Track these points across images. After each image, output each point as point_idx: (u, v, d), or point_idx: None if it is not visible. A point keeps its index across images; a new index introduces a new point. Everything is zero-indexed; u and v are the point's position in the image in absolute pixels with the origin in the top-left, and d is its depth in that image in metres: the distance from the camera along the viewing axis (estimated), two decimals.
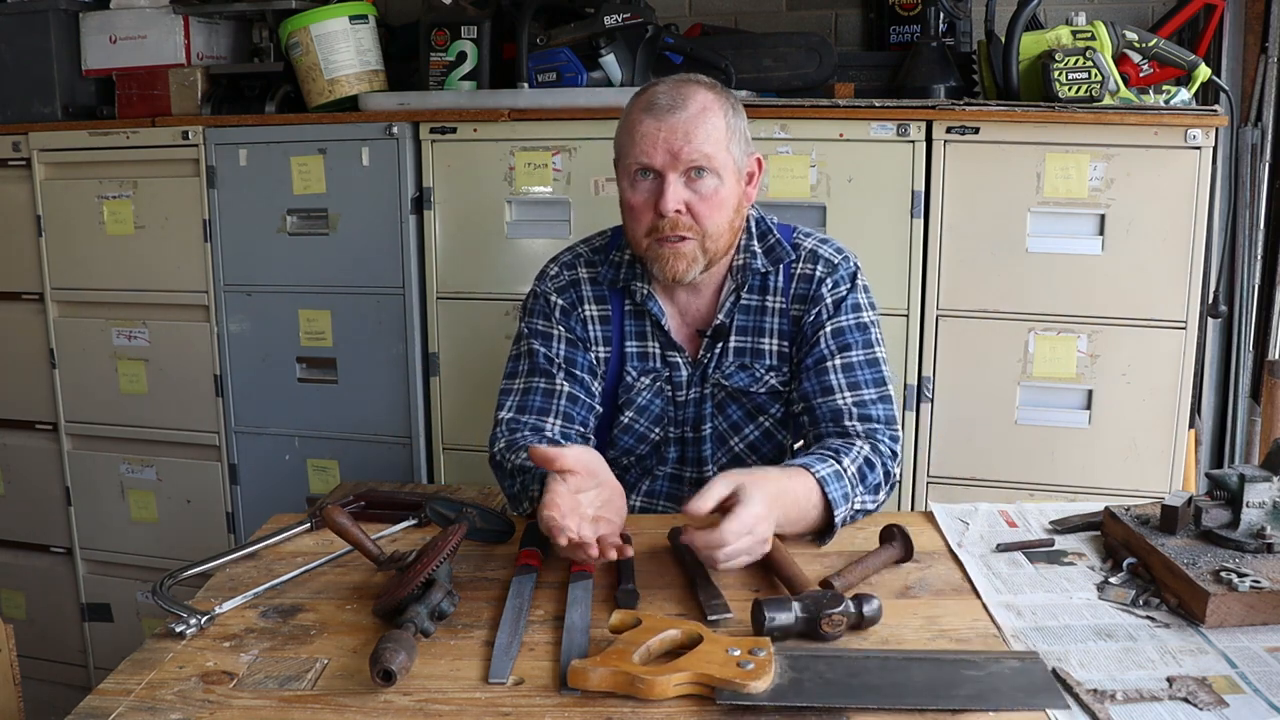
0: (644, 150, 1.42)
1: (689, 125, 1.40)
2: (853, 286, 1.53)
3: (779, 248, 1.54)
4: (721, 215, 1.45)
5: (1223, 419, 2.59)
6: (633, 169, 1.44)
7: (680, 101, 1.42)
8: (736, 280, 1.53)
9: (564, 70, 2.27)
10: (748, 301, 1.54)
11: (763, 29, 2.66)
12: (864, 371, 1.49)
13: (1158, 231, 2.00)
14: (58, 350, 2.56)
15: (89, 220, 2.46)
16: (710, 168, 1.42)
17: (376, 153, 2.25)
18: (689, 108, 1.41)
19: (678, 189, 1.42)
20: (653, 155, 1.41)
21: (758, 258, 1.53)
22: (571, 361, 1.54)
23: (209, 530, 2.53)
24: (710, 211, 1.44)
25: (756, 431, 1.57)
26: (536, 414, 1.50)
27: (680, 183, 1.42)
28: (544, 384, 1.52)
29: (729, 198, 1.45)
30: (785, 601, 1.07)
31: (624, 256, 1.56)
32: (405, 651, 0.98)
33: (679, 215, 1.42)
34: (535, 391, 1.52)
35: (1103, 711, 0.92)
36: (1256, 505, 1.20)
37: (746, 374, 1.54)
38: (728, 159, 1.44)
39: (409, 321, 2.31)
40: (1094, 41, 2.01)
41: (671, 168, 1.41)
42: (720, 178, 1.43)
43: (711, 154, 1.42)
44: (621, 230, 1.59)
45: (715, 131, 1.42)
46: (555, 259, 1.63)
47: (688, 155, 1.41)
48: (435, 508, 1.33)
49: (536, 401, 1.51)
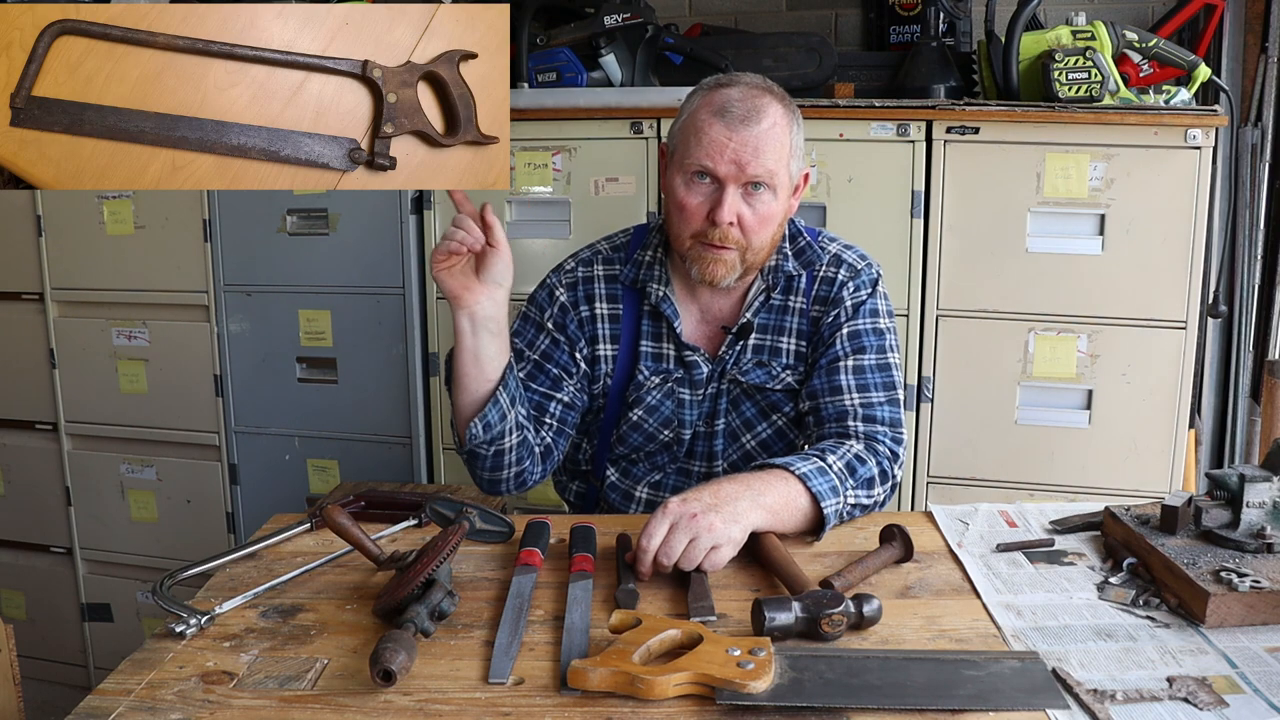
0: (709, 154, 1.41)
1: (759, 141, 1.40)
2: (873, 293, 1.54)
3: (809, 251, 1.55)
4: (768, 231, 1.46)
5: (1223, 419, 2.59)
6: (691, 170, 1.43)
7: (754, 114, 1.40)
8: (767, 281, 1.54)
9: (564, 70, 2.27)
10: (773, 301, 1.55)
11: (763, 29, 2.66)
12: (874, 375, 1.49)
13: (1158, 231, 2.00)
14: (58, 350, 2.57)
15: (89, 220, 2.47)
16: (770, 185, 1.42)
17: None
18: (762, 122, 1.40)
19: (735, 201, 1.42)
20: (718, 163, 1.40)
21: (789, 260, 1.54)
22: (547, 356, 1.56)
23: (209, 530, 2.53)
24: (759, 228, 1.44)
25: (769, 430, 1.58)
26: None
27: (738, 194, 1.42)
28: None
29: (778, 213, 1.46)
30: (785, 601, 1.07)
31: (646, 256, 1.57)
32: (405, 651, 0.98)
33: (730, 227, 1.42)
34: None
35: (1103, 711, 0.92)
36: (1256, 505, 1.20)
37: (763, 371, 1.55)
38: (785, 176, 1.44)
39: (409, 321, 2.31)
40: (1094, 41, 2.01)
41: (734, 179, 1.41)
42: (775, 194, 1.44)
43: (775, 171, 1.42)
44: (645, 229, 1.59)
45: (781, 149, 1.42)
46: (575, 254, 1.64)
47: (753, 171, 1.40)
48: (435, 508, 1.33)
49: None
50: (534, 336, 1.58)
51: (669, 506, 1.22)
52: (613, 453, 1.63)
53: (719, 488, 1.27)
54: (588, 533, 1.30)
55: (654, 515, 1.22)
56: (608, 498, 1.64)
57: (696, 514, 1.20)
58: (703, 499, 1.23)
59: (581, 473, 1.69)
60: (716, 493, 1.26)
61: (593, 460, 1.66)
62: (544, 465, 1.54)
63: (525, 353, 1.57)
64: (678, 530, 1.19)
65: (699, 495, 1.24)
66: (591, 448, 1.66)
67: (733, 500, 1.25)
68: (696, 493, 1.25)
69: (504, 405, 1.42)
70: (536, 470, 1.52)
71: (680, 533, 1.19)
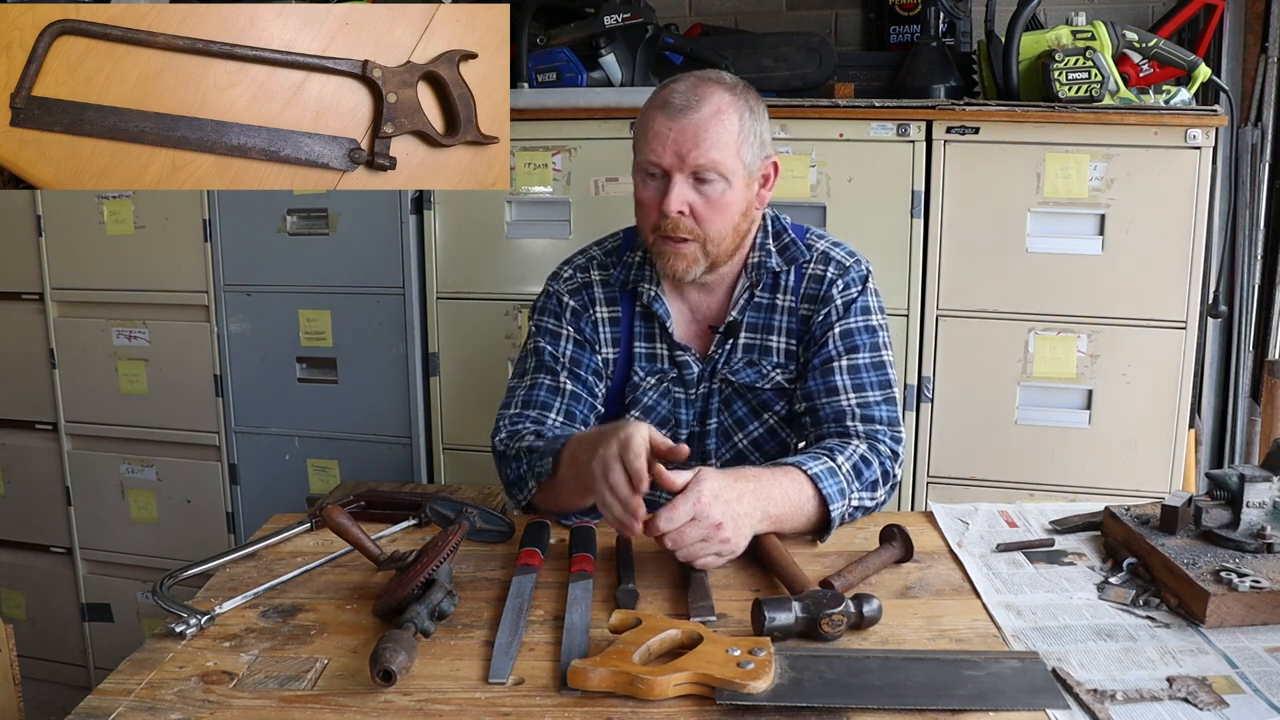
0: (653, 148, 1.42)
1: (699, 128, 1.40)
2: (863, 290, 1.54)
3: (793, 247, 1.55)
4: (725, 220, 1.45)
5: (1223, 419, 2.59)
6: (643, 166, 1.45)
7: (694, 102, 1.41)
8: (751, 278, 1.54)
9: (564, 70, 2.27)
10: (759, 299, 1.55)
11: (763, 29, 2.66)
12: (869, 374, 1.49)
13: (1158, 231, 2.00)
14: (58, 350, 2.56)
15: (89, 220, 2.47)
16: (717, 173, 1.42)
17: None
18: (702, 109, 1.41)
19: (682, 190, 1.42)
20: (661, 154, 1.41)
21: (772, 256, 1.54)
22: (577, 362, 1.55)
23: (209, 530, 2.53)
24: (713, 216, 1.44)
25: (761, 428, 1.58)
26: (539, 409, 1.51)
27: (686, 184, 1.42)
28: (548, 381, 1.53)
29: (735, 202, 1.45)
30: (785, 601, 1.07)
31: (635, 258, 1.57)
32: (405, 651, 0.98)
33: (681, 217, 1.42)
34: (540, 388, 1.53)
35: (1103, 711, 0.92)
36: (1256, 505, 1.20)
37: (754, 370, 1.55)
38: (737, 164, 1.43)
39: (409, 321, 2.31)
40: (1094, 41, 2.01)
41: (678, 169, 1.41)
42: (728, 182, 1.43)
43: (719, 159, 1.41)
44: (634, 231, 1.60)
45: (726, 135, 1.41)
46: (569, 261, 1.64)
47: (694, 159, 1.40)
48: (435, 508, 1.33)
49: (540, 397, 1.52)
50: (556, 344, 1.56)
51: (702, 497, 1.19)
52: None
53: (743, 491, 1.24)
54: (588, 533, 1.30)
55: (687, 491, 1.19)
56: None
57: (721, 524, 1.19)
58: (730, 504, 1.21)
59: None
60: (741, 497, 1.23)
61: None
62: None
63: (560, 359, 1.55)
64: (696, 525, 1.18)
65: (728, 496, 1.22)
66: None
67: (750, 513, 1.24)
68: (726, 489, 1.22)
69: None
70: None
71: (697, 529, 1.18)
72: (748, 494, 1.25)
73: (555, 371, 1.54)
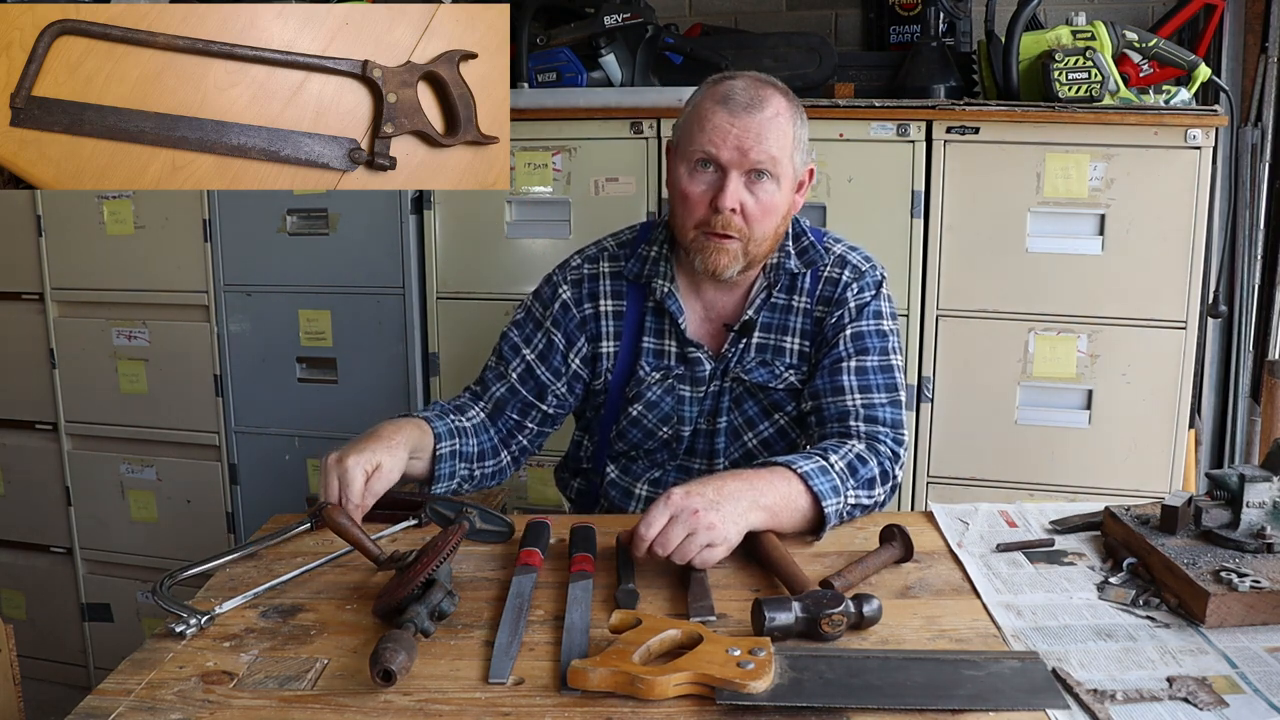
0: (712, 141, 1.42)
1: (762, 126, 1.41)
2: (876, 294, 1.54)
3: (812, 250, 1.56)
4: (770, 221, 1.46)
5: (1223, 419, 2.59)
6: (695, 158, 1.44)
7: (757, 101, 1.42)
8: (769, 279, 1.54)
9: (564, 70, 2.27)
10: (776, 300, 1.56)
11: (763, 29, 2.66)
12: (877, 376, 1.50)
13: (1158, 231, 2.00)
14: (58, 350, 2.57)
15: (89, 220, 2.47)
16: (773, 173, 1.43)
17: None
18: (765, 109, 1.42)
19: (738, 187, 1.43)
20: (720, 149, 1.41)
21: (791, 258, 1.54)
22: (542, 359, 1.57)
23: (209, 530, 2.53)
24: (762, 216, 1.45)
25: (771, 429, 1.58)
26: (473, 391, 1.59)
27: (741, 182, 1.43)
28: (498, 368, 1.59)
29: (781, 204, 1.46)
30: (785, 601, 1.07)
31: (651, 251, 1.57)
32: (405, 651, 0.98)
33: (733, 215, 1.43)
34: (488, 370, 1.61)
35: (1103, 711, 0.92)
36: (1256, 505, 1.20)
37: (766, 370, 1.55)
38: (789, 166, 1.45)
39: (409, 321, 2.32)
40: (1094, 41, 2.01)
41: (737, 166, 1.42)
42: (778, 184, 1.45)
43: (777, 158, 1.43)
44: (650, 225, 1.60)
45: (784, 138, 1.43)
46: (581, 251, 1.65)
47: (755, 156, 1.41)
48: (435, 508, 1.33)
49: (485, 378, 1.60)
50: (532, 333, 1.59)
51: (672, 497, 1.22)
52: (613, 449, 1.63)
53: (722, 484, 1.27)
54: (588, 533, 1.30)
55: (656, 503, 1.22)
56: (608, 495, 1.65)
57: (698, 510, 1.20)
58: (705, 494, 1.23)
59: (582, 470, 1.70)
60: (720, 489, 1.25)
61: (593, 457, 1.66)
62: (508, 470, 1.58)
63: (521, 349, 1.58)
64: (677, 523, 1.19)
65: (702, 490, 1.24)
66: (592, 444, 1.66)
67: (734, 499, 1.24)
68: (700, 486, 1.25)
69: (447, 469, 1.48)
70: (496, 479, 1.56)
71: (679, 526, 1.19)
72: (730, 484, 1.27)
73: (508, 361, 1.58)
